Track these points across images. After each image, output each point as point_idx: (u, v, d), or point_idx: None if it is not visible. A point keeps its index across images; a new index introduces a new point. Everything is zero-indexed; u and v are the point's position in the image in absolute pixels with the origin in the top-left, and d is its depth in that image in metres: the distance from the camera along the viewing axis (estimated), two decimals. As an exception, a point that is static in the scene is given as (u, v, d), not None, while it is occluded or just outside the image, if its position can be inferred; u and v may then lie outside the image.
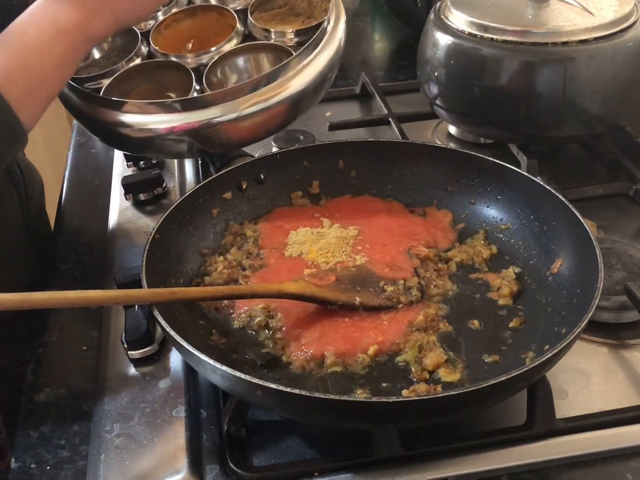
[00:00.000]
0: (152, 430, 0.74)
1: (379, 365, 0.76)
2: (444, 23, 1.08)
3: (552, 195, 0.86)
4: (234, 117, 0.89)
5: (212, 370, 0.67)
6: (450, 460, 0.70)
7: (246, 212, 0.96)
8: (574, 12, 1.02)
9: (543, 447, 0.71)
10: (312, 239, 0.90)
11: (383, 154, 0.99)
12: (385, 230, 0.92)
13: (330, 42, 0.97)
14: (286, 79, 0.92)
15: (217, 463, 0.71)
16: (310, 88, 0.95)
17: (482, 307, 0.83)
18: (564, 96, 1.00)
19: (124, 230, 1.03)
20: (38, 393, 0.81)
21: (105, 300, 0.75)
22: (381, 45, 1.71)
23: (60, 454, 0.74)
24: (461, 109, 1.11)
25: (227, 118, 0.90)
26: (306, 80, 0.93)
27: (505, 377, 0.63)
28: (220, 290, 0.82)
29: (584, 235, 0.79)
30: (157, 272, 0.79)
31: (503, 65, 1.01)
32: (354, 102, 1.36)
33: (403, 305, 0.82)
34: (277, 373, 0.76)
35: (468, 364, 0.76)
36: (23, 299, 0.67)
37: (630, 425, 0.73)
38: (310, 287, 0.80)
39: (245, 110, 0.90)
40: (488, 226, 0.93)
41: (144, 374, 0.81)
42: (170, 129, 0.91)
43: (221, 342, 0.79)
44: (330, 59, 0.96)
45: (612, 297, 0.84)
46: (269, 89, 0.91)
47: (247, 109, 0.91)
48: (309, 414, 0.69)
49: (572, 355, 0.73)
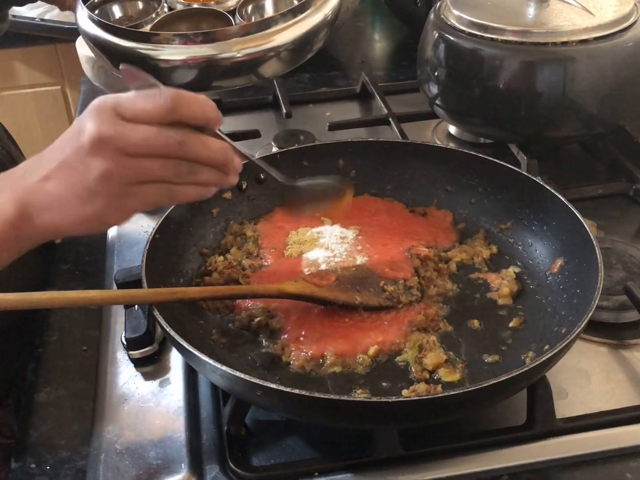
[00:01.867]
0: (152, 430, 0.74)
1: (379, 365, 0.76)
2: (444, 23, 1.08)
3: (552, 195, 0.86)
4: (228, 56, 0.94)
5: (212, 370, 0.67)
6: (450, 460, 0.70)
7: (246, 212, 0.96)
8: (574, 12, 1.02)
9: (543, 447, 0.71)
10: (312, 239, 0.90)
11: (383, 154, 0.99)
12: (386, 230, 0.92)
13: (319, 10, 1.01)
14: (273, 32, 0.97)
15: (217, 463, 0.71)
16: (296, 44, 1.00)
17: (482, 307, 0.83)
18: (564, 96, 1.00)
19: (124, 230, 1.03)
20: (38, 393, 0.81)
21: (105, 300, 0.75)
22: (381, 45, 1.71)
23: (60, 454, 0.74)
24: (461, 109, 1.11)
25: (224, 56, 0.96)
26: (290, 37, 0.99)
27: (505, 377, 0.63)
28: (220, 290, 0.82)
29: (584, 235, 0.79)
30: (157, 272, 0.79)
31: (503, 65, 1.01)
32: (354, 102, 1.36)
33: (403, 305, 0.82)
34: (277, 373, 0.76)
35: (468, 364, 0.76)
36: (23, 299, 0.67)
37: (630, 425, 0.73)
38: (310, 287, 0.80)
39: (241, 51, 0.95)
40: (488, 226, 0.93)
41: (144, 374, 0.81)
42: (184, 61, 0.97)
43: (221, 342, 0.79)
44: (316, 24, 1.01)
45: (612, 297, 0.84)
46: (258, 37, 0.96)
47: (241, 50, 0.95)
48: (309, 414, 0.69)
49: (572, 355, 0.73)
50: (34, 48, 2.04)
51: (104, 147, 0.63)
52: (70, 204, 0.65)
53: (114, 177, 0.64)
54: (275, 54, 0.97)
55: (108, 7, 1.11)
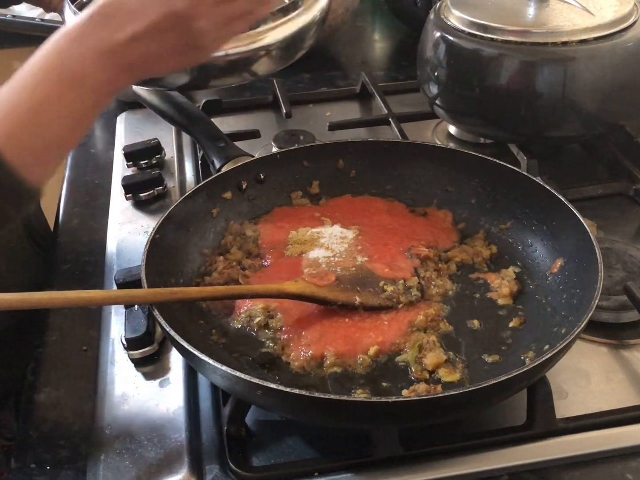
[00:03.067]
0: (152, 430, 0.74)
1: (379, 365, 0.76)
2: (444, 23, 1.08)
3: (552, 195, 0.86)
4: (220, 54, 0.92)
5: (212, 370, 0.67)
6: (450, 460, 0.70)
7: (246, 212, 0.96)
8: (574, 12, 1.02)
9: (543, 447, 0.71)
10: (312, 239, 0.90)
11: (383, 154, 0.99)
12: (386, 230, 0.92)
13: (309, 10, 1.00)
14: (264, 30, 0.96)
15: (217, 463, 0.71)
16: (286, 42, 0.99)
17: (482, 307, 0.83)
18: (564, 96, 1.00)
19: (124, 230, 1.03)
20: (38, 393, 0.81)
21: (105, 300, 0.75)
22: (381, 45, 1.71)
23: (60, 454, 0.74)
24: (461, 109, 1.11)
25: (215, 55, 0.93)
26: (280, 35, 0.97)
27: (505, 377, 0.63)
28: (220, 290, 0.82)
29: (584, 235, 0.79)
30: (157, 272, 0.79)
31: (503, 65, 1.01)
32: (354, 102, 1.36)
33: (403, 305, 0.82)
34: (277, 373, 0.76)
35: (468, 364, 0.76)
36: (23, 299, 0.67)
37: (630, 425, 0.73)
38: (310, 287, 0.80)
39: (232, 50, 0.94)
40: (488, 226, 0.93)
41: (144, 374, 0.81)
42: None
43: (221, 342, 0.79)
44: (306, 24, 0.99)
45: (612, 297, 0.84)
46: (249, 35, 0.95)
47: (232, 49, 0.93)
48: (309, 414, 0.69)
49: (572, 355, 0.73)
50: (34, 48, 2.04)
51: (198, 6, 0.71)
52: (169, 59, 0.74)
53: (211, 28, 0.73)
54: (266, 53, 0.97)
55: None
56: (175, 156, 1.18)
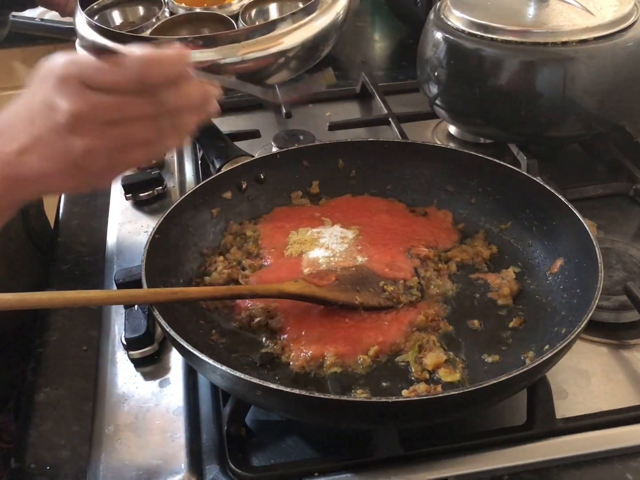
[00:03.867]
0: (152, 430, 0.74)
1: (379, 365, 0.76)
2: (444, 23, 1.08)
3: (552, 195, 0.86)
4: (233, 60, 0.91)
5: (212, 370, 0.67)
6: (450, 460, 0.70)
7: (246, 212, 0.96)
8: (574, 12, 1.02)
9: (543, 447, 0.71)
10: (312, 239, 0.90)
11: (383, 154, 0.99)
12: (386, 230, 0.92)
13: (327, 12, 0.98)
14: (280, 34, 0.94)
15: (217, 463, 0.71)
16: (305, 47, 0.97)
17: (482, 307, 0.83)
18: (564, 96, 1.00)
19: (124, 230, 1.03)
20: (38, 393, 0.81)
21: (105, 300, 0.75)
22: (381, 45, 1.71)
23: (60, 454, 0.74)
24: (461, 109, 1.11)
25: (228, 61, 0.93)
26: (298, 39, 0.96)
27: (505, 377, 0.63)
28: (220, 290, 0.82)
29: (584, 235, 0.79)
30: (157, 272, 0.79)
31: (503, 65, 1.01)
32: (354, 102, 1.36)
33: (403, 305, 0.82)
34: (277, 373, 0.76)
35: (468, 364, 0.76)
36: (23, 299, 0.67)
37: (630, 425, 0.73)
38: (310, 287, 0.80)
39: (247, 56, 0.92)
40: (488, 226, 0.93)
41: (144, 374, 0.81)
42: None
43: (221, 342, 0.79)
44: (324, 28, 0.97)
45: (612, 297, 0.84)
46: (264, 40, 0.93)
47: (247, 55, 0.92)
48: (309, 414, 0.69)
49: (572, 355, 0.73)
50: (34, 48, 2.04)
51: (82, 123, 0.62)
52: (54, 178, 0.65)
53: (98, 150, 0.63)
54: (283, 59, 0.94)
55: (108, 13, 1.10)
56: (175, 156, 1.18)
